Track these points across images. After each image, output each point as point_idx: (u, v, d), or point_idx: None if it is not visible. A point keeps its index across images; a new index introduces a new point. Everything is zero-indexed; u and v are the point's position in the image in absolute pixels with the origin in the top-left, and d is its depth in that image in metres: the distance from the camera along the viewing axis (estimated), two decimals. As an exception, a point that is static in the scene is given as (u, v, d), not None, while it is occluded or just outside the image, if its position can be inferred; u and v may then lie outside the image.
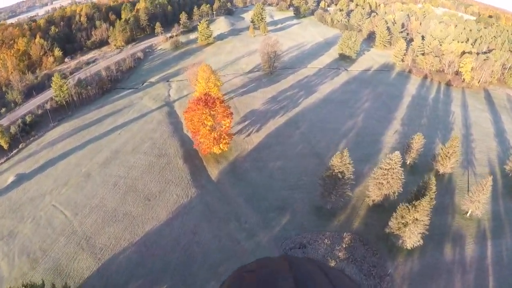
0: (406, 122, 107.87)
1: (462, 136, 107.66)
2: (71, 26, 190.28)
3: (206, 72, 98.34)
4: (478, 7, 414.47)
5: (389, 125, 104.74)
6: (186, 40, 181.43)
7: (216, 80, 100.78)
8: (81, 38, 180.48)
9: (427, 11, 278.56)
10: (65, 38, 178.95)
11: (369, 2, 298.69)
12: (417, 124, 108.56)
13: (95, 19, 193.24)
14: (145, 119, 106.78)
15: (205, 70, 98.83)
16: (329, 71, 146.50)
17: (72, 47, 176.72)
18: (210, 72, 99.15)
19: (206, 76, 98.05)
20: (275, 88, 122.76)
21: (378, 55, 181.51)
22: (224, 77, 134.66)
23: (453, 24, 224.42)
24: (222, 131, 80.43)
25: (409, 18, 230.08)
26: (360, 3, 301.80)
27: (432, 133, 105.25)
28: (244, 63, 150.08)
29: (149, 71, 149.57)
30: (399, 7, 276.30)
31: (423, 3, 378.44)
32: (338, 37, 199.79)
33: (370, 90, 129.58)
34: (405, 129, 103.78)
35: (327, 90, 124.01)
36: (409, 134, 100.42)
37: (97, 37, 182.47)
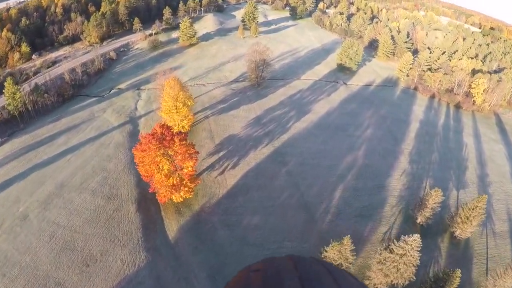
0: (414, 158, 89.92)
1: (477, 177, 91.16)
2: (45, 18, 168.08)
3: (174, 88, 78.62)
4: (479, 18, 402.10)
5: (396, 161, 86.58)
6: (166, 39, 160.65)
7: (187, 99, 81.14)
8: (53, 32, 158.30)
9: (432, 20, 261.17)
10: (36, 32, 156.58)
11: (371, 7, 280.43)
12: (427, 160, 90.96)
13: (71, 11, 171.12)
14: (102, 141, 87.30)
15: (172, 85, 78.98)
16: (325, 85, 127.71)
17: (42, 42, 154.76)
18: (179, 88, 79.46)
19: (174, 93, 78.41)
20: (261, 105, 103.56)
21: (380, 67, 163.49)
22: (203, 87, 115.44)
23: (461, 37, 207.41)
24: (183, 175, 61.04)
25: (414, 27, 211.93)
26: (361, 7, 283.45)
27: (444, 174, 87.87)
28: (229, 70, 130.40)
29: (120, 75, 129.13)
30: (403, 14, 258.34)
31: (426, 10, 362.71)
32: (336, 43, 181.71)
33: (373, 111, 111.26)
34: (414, 168, 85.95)
35: (322, 110, 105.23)
36: (418, 175, 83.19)
37: (70, 31, 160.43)
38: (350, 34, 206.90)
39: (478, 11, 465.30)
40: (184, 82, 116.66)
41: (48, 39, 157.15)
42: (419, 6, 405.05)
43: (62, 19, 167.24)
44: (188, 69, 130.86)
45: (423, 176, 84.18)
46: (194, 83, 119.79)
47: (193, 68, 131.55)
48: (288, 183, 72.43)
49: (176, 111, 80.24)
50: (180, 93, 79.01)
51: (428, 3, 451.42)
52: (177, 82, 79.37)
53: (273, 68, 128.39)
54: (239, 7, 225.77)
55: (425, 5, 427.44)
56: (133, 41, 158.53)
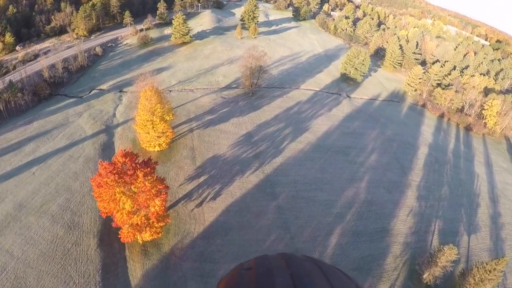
0: (423, 193, 78.98)
1: (490, 218, 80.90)
2: (34, 7, 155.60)
3: (151, 100, 66.87)
4: (485, 29, 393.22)
5: (402, 197, 75.57)
6: (158, 36, 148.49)
7: (165, 113, 69.52)
8: (40, 22, 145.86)
9: (441, 30, 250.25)
10: (23, 21, 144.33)
11: (378, 12, 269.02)
12: (436, 196, 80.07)
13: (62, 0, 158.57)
14: (71, 152, 75.95)
15: (149, 97, 67.10)
16: (327, 97, 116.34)
17: (28, 32, 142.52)
18: (156, 100, 67.67)
19: (150, 106, 66.79)
20: (254, 119, 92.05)
21: (386, 78, 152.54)
22: (191, 93, 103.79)
23: (471, 50, 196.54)
24: (150, 214, 49.59)
25: (423, 37, 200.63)
26: (367, 11, 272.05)
27: (455, 213, 77.37)
28: (222, 74, 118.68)
29: (104, 74, 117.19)
30: (412, 22, 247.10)
31: (432, 18, 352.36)
32: (341, 50, 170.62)
33: (378, 132, 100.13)
34: (422, 206, 75.08)
35: (322, 129, 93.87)
36: (427, 216, 72.57)
37: (58, 22, 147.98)
38: (355, 40, 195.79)
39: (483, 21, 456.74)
40: (171, 86, 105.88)
41: (35, 29, 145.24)
42: (426, 13, 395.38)
43: (51, 8, 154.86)
44: (178, 71, 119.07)
45: (431, 216, 73.35)
46: (182, 87, 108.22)
47: (183, 70, 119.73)
48: (277, 222, 61.06)
49: (152, 127, 68.73)
50: (157, 106, 67.34)
51: (434, 11, 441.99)
52: (154, 93, 67.45)
53: (271, 74, 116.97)
54: (240, 4, 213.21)
55: (431, 12, 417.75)
56: (123, 36, 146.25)
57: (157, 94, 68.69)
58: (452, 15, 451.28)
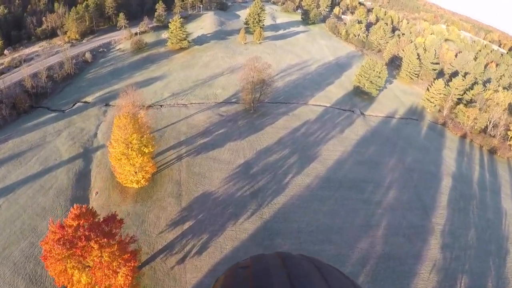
0: (448, 241, 66.34)
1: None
2: (27, 7, 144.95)
3: (126, 128, 54.82)
4: (498, 35, 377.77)
5: (424, 247, 63.10)
6: (154, 40, 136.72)
7: (144, 145, 57.37)
8: (31, 24, 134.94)
9: (458, 38, 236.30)
10: (14, 23, 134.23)
11: (391, 16, 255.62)
12: (462, 243, 67.54)
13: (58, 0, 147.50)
14: (43, 182, 65.34)
15: (123, 125, 54.89)
16: (338, 115, 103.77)
17: (19, 34, 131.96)
18: (133, 128, 55.58)
19: (125, 137, 54.81)
20: (254, 144, 79.85)
21: (403, 91, 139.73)
22: (184, 109, 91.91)
23: (492, 61, 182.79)
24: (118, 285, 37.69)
25: (441, 45, 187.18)
26: (380, 15, 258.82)
27: (483, 265, 65.22)
28: (221, 86, 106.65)
29: (91, 83, 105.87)
30: (428, 28, 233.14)
31: (446, 23, 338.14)
32: (353, 57, 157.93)
33: (397, 159, 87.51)
34: (447, 258, 62.55)
35: (333, 156, 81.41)
36: (452, 271, 61.60)
37: (50, 24, 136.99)
38: (368, 46, 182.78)
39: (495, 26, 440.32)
40: (162, 100, 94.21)
41: (25, 31, 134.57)
42: (439, 18, 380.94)
43: (44, 9, 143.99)
44: (172, 81, 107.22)
45: (457, 271, 60.92)
46: (175, 101, 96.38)
47: (178, 80, 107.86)
48: None
49: (127, 161, 56.76)
50: (133, 136, 55.22)
51: (446, 15, 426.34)
52: (130, 121, 55.29)
53: (275, 86, 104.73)
54: (245, 6, 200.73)
55: (443, 17, 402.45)
56: (116, 40, 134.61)
57: (134, 121, 56.56)
58: (463, 19, 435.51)
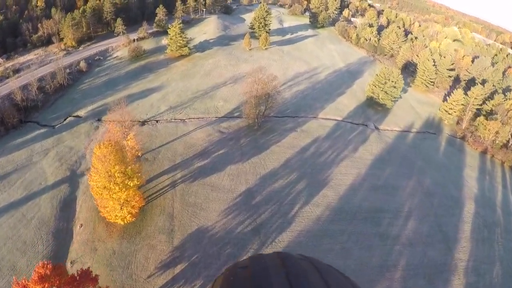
0: (472, 280, 56.95)
1: None
2: (23, 13, 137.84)
3: (107, 160, 46.08)
4: (509, 36, 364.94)
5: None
6: (154, 47, 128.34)
7: (128, 178, 48.58)
8: (27, 31, 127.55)
9: (472, 41, 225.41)
10: (10, 29, 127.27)
11: (402, 19, 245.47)
12: (487, 282, 58.25)
13: (55, 5, 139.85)
14: (26, 210, 58.37)
15: (104, 156, 46.08)
16: (351, 130, 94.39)
17: (14, 42, 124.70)
18: (115, 158, 46.82)
19: (106, 169, 46.11)
20: (257, 167, 70.88)
21: (418, 100, 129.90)
22: (182, 125, 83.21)
23: (510, 67, 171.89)
24: None
25: (456, 50, 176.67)
26: (391, 18, 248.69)
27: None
28: (223, 98, 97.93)
29: (85, 95, 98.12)
30: (442, 31, 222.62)
31: (457, 25, 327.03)
32: (364, 63, 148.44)
33: (415, 182, 78.00)
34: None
35: (346, 181, 72.20)
36: None
37: (46, 31, 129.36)
38: (380, 51, 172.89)
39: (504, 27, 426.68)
40: (158, 115, 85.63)
41: (21, 38, 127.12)
42: (450, 19, 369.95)
43: (40, 14, 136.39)
44: (170, 93, 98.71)
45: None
46: (173, 116, 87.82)
47: (177, 92, 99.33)
48: None
49: (110, 196, 48.08)
50: (116, 168, 46.54)
51: (456, 16, 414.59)
52: (112, 150, 46.51)
53: (282, 97, 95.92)
54: (250, 9, 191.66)
55: (454, 18, 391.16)
56: (114, 47, 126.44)
57: (117, 150, 47.74)
58: (473, 20, 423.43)
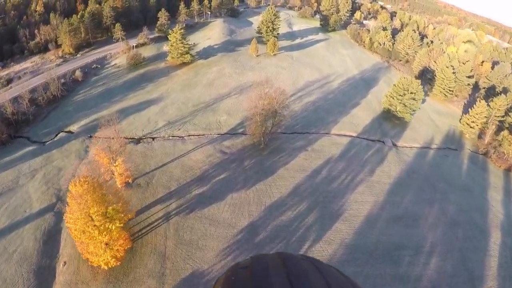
0: None
1: None
2: (22, 19, 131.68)
3: (84, 200, 38.33)
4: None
5: None
6: (155, 53, 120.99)
7: (109, 220, 40.73)
8: (24, 37, 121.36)
9: (490, 45, 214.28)
10: (7, 35, 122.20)
11: (417, 21, 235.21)
12: None
13: (54, 10, 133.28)
14: (7, 242, 52.06)
15: (79, 195, 38.41)
16: (367, 148, 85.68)
17: (11, 49, 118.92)
18: (93, 197, 39.04)
19: (83, 210, 38.35)
20: (262, 195, 62.73)
21: (437, 111, 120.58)
22: (180, 143, 75.45)
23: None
24: None
25: (475, 55, 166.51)
26: (404, 20, 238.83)
27: None
28: (226, 111, 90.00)
29: (79, 108, 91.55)
30: (458, 35, 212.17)
31: (471, 27, 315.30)
32: (379, 70, 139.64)
33: (438, 210, 69.40)
34: None
35: (362, 211, 63.85)
36: None
37: (43, 37, 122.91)
38: (395, 56, 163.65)
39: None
40: (155, 131, 78.03)
41: (18, 45, 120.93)
42: (463, 21, 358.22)
43: (39, 20, 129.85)
44: (169, 105, 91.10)
45: None
46: (171, 132, 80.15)
47: (177, 104, 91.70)
48: None
49: (89, 239, 40.36)
50: (94, 209, 38.79)
51: (468, 17, 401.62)
52: (89, 189, 38.77)
53: (291, 110, 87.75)
54: (259, 12, 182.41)
55: (467, 19, 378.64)
56: (113, 54, 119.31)
57: (95, 188, 39.99)
58: (485, 21, 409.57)
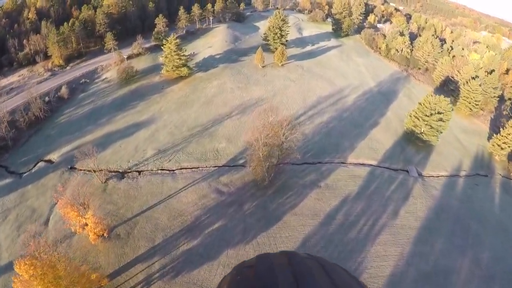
0: None
1: None
2: (12, 27, 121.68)
3: (31, 284, 27.24)
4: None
5: None
6: (150, 65, 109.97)
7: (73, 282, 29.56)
8: (13, 48, 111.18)
9: None
10: None
11: (434, 25, 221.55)
12: None
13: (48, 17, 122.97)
14: None
15: (24, 280, 27.60)
16: (389, 181, 73.47)
17: None
18: (45, 282, 27.88)
19: None
20: (265, 252, 50.69)
21: (463, 129, 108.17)
22: (170, 178, 64.27)
23: None
24: None
25: (500, 63, 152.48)
26: (420, 23, 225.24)
27: None
28: (226, 136, 78.50)
29: (62, 131, 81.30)
30: (477, 38, 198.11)
31: (486, 29, 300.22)
32: (397, 80, 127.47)
33: (471, 261, 58.20)
34: None
35: (384, 270, 52.32)
36: None
37: (33, 47, 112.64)
38: (414, 64, 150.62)
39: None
40: (143, 162, 67.19)
41: (7, 56, 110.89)
42: (478, 23, 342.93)
43: (29, 28, 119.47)
44: (161, 129, 79.93)
45: None
46: (160, 164, 69.04)
47: (169, 127, 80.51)
48: None
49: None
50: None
51: (482, 18, 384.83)
52: (36, 274, 28.06)
53: (304, 129, 76.67)
54: (266, 16, 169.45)
55: (482, 21, 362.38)
56: (104, 67, 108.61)
57: (45, 273, 29.11)
58: (498, 22, 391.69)
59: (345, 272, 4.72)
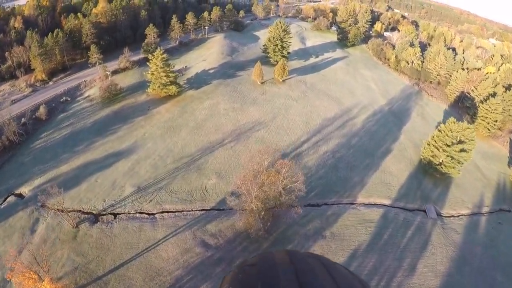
0: None
1: None
2: None
3: None
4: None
5: None
6: (137, 81, 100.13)
7: None
8: None
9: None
10: None
11: (443, 33, 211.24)
12: None
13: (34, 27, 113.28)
14: None
15: None
16: (405, 224, 63.41)
17: None
18: None
19: None
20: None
21: (482, 154, 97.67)
22: (149, 225, 54.66)
23: None
24: None
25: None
26: (429, 31, 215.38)
27: None
28: (216, 170, 68.44)
29: (36, 159, 71.35)
30: (488, 47, 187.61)
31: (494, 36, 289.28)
32: (409, 97, 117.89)
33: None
34: None
35: None
36: None
37: (15, 59, 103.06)
38: (425, 77, 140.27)
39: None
40: (119, 201, 57.43)
41: None
42: (485, 29, 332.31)
43: (14, 39, 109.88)
44: (142, 160, 69.91)
45: None
46: (139, 205, 59.05)
47: (152, 158, 70.50)
48: None
49: None
50: None
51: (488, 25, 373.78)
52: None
53: (307, 161, 66.75)
54: (267, 24, 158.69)
55: (489, 28, 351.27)
56: (88, 83, 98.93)
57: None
58: (502, 28, 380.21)
59: (347, 271, 4.52)
